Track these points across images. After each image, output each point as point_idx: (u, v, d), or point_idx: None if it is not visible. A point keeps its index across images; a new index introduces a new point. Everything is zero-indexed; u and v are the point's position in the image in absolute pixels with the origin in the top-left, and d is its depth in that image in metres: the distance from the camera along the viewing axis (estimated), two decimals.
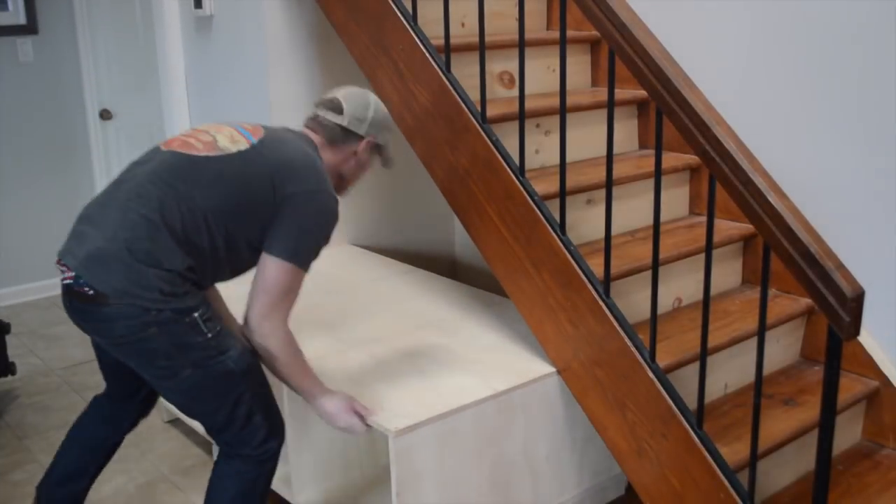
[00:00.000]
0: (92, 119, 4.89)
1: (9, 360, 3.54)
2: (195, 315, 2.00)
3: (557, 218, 2.45)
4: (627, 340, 2.31)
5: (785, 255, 1.88)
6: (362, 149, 2.28)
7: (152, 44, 4.22)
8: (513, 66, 2.99)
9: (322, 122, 2.27)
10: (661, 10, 2.88)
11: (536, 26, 3.38)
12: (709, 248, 2.11)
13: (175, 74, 3.93)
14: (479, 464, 2.43)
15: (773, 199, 1.90)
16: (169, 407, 3.32)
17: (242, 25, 3.55)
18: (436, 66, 2.64)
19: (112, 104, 4.92)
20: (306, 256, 2.10)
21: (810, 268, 1.83)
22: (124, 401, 2.40)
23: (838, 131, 2.70)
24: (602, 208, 2.37)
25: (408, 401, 2.36)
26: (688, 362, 2.40)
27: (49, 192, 4.77)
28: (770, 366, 2.71)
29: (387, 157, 2.36)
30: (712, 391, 2.54)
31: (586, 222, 2.68)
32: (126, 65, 4.90)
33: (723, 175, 1.98)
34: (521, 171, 2.50)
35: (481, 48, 2.56)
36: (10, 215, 4.70)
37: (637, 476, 2.37)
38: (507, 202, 2.53)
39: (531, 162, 2.74)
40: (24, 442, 3.31)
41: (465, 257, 4.26)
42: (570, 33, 2.97)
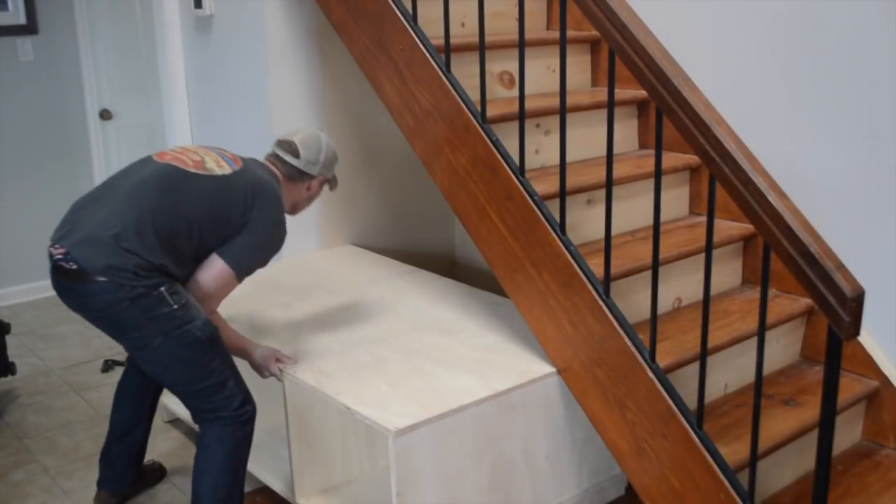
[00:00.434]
0: (92, 119, 4.89)
1: (9, 360, 3.55)
2: (162, 289, 2.28)
3: (557, 218, 2.45)
4: (627, 340, 2.31)
5: (785, 255, 1.88)
6: (314, 185, 2.70)
7: (152, 44, 4.22)
8: (513, 66, 2.99)
9: (282, 160, 2.63)
10: (661, 10, 2.88)
11: (536, 26, 3.38)
12: (709, 248, 2.11)
13: (175, 74, 3.93)
14: (478, 464, 2.43)
15: (773, 199, 1.90)
16: (169, 407, 3.32)
17: (242, 25, 3.55)
18: (436, 66, 2.64)
19: (112, 104, 4.92)
20: (246, 270, 2.47)
21: (810, 268, 1.83)
22: None
23: (838, 131, 2.70)
24: (602, 208, 2.37)
25: (408, 401, 2.37)
26: (688, 362, 2.40)
27: (49, 192, 4.76)
28: (770, 366, 2.71)
29: (333, 184, 2.79)
30: (712, 391, 2.54)
31: (586, 222, 2.68)
32: (126, 65, 4.91)
33: (723, 175, 1.98)
34: (521, 171, 2.50)
35: (481, 48, 2.56)
36: (10, 215, 4.70)
37: (637, 476, 2.37)
38: (507, 202, 2.53)
39: (531, 162, 2.74)
40: (24, 442, 3.32)
41: (464, 257, 4.26)
42: (570, 33, 2.97)
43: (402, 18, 2.71)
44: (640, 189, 2.82)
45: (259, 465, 2.86)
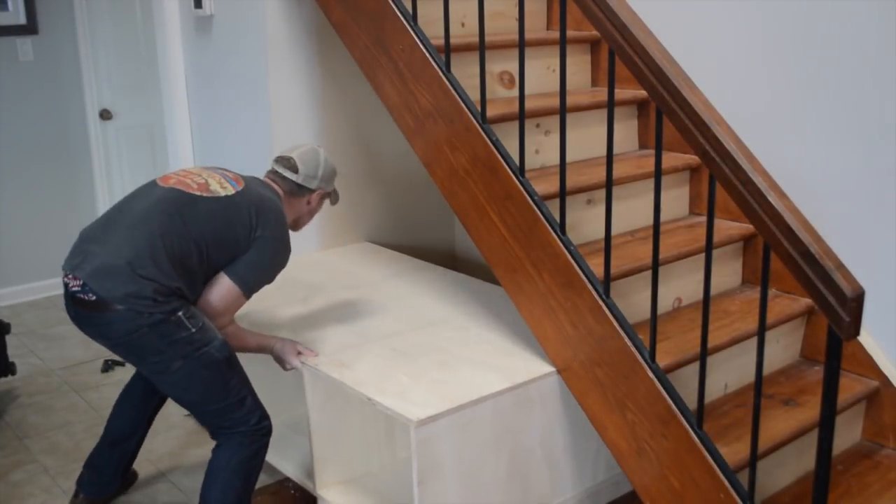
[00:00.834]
0: (92, 119, 4.89)
1: (9, 360, 3.55)
2: (179, 314, 2.33)
3: (557, 218, 2.45)
4: (627, 340, 2.31)
5: (785, 255, 1.88)
6: (314, 199, 2.74)
7: (152, 44, 4.22)
8: (513, 66, 2.99)
9: (282, 176, 2.66)
10: (661, 10, 2.87)
11: (536, 26, 3.37)
12: (709, 248, 2.11)
13: (175, 74, 3.93)
14: (497, 454, 2.47)
15: (773, 199, 1.90)
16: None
17: (242, 25, 3.55)
18: (436, 66, 2.64)
19: (112, 104, 4.92)
20: (253, 287, 2.52)
21: (810, 268, 1.83)
22: None
23: (838, 131, 2.70)
24: (602, 208, 2.37)
25: (428, 392, 2.40)
26: (688, 362, 2.40)
27: (49, 192, 4.76)
28: (770, 366, 2.71)
29: (334, 198, 2.83)
30: (712, 391, 2.54)
31: (586, 222, 2.68)
32: (126, 65, 4.91)
33: (723, 175, 1.98)
34: (521, 171, 2.50)
35: (481, 48, 2.55)
36: (10, 215, 4.69)
37: (637, 476, 2.38)
38: (507, 202, 2.53)
39: (531, 162, 2.74)
40: (24, 442, 3.32)
41: (465, 256, 4.26)
42: (570, 33, 2.97)
43: (402, 18, 2.71)
44: (640, 189, 2.82)
45: (280, 456, 2.91)
